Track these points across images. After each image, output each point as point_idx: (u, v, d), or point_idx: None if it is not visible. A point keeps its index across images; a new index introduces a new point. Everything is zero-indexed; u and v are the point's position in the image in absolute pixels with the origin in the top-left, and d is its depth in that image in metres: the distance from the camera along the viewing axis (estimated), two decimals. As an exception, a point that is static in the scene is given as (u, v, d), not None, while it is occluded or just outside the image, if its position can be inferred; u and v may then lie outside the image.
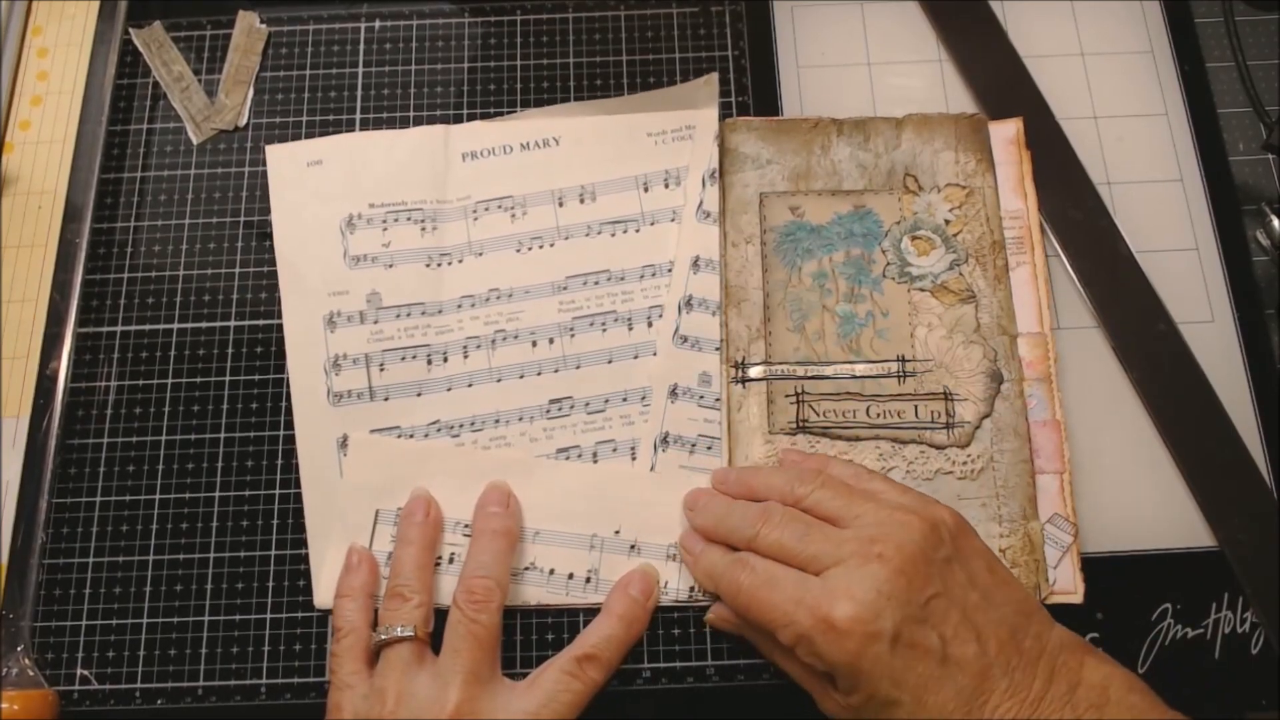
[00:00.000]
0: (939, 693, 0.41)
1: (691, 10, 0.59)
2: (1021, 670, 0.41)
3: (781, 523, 0.45)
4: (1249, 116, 0.56)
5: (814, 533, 0.44)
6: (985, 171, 0.54)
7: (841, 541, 0.43)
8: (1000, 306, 0.52)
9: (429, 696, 0.43)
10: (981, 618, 0.42)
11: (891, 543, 0.43)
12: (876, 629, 0.41)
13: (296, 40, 0.60)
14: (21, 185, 0.57)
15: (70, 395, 0.53)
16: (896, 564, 0.42)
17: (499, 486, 0.50)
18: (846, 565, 0.42)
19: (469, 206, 0.55)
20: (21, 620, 0.50)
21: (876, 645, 0.41)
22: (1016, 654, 0.42)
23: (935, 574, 0.43)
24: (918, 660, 0.41)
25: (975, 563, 0.44)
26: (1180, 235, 0.54)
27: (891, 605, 0.41)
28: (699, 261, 0.54)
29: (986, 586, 0.43)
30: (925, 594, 0.42)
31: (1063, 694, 0.41)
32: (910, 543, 0.43)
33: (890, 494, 0.46)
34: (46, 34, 0.61)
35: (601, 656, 0.45)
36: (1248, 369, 0.52)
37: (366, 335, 0.53)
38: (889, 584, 0.42)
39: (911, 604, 0.41)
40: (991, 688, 0.41)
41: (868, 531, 0.43)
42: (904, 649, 0.41)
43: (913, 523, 0.43)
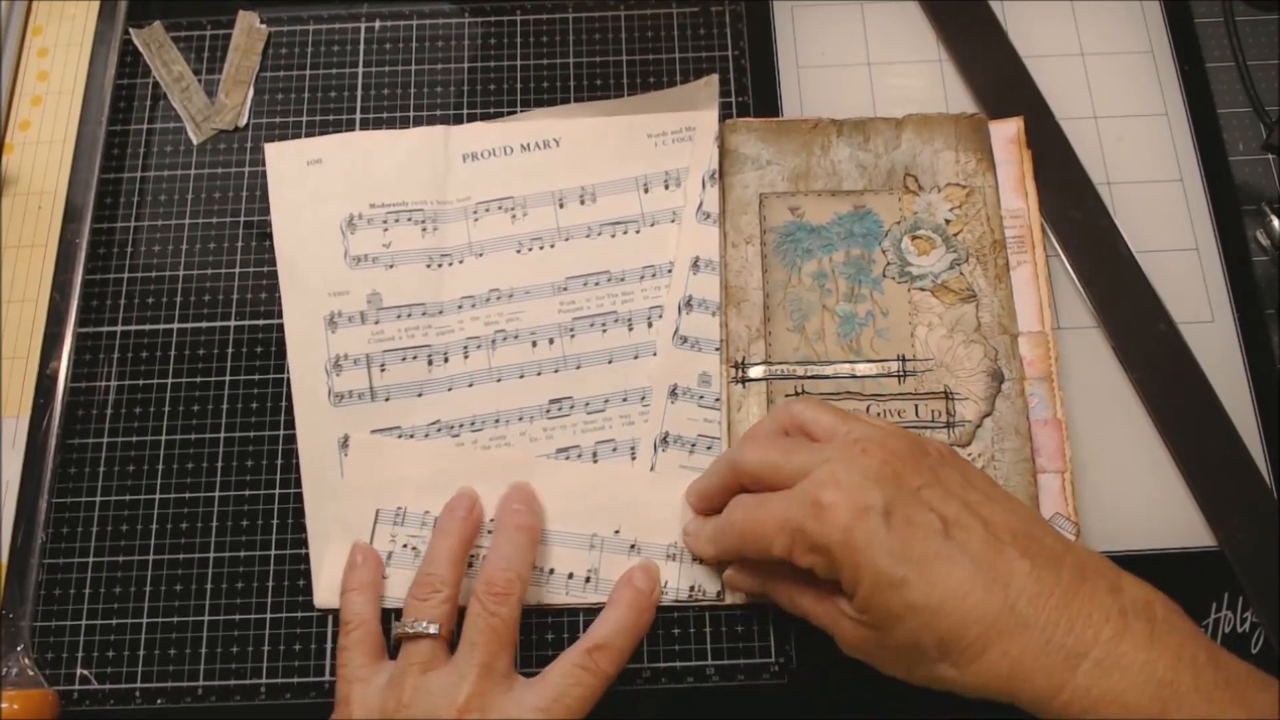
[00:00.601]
0: (950, 570, 0.38)
1: (691, 10, 0.60)
2: (1044, 559, 0.39)
3: (766, 442, 0.45)
4: (1249, 116, 0.56)
5: (799, 447, 0.43)
6: (985, 171, 0.54)
7: (824, 448, 0.43)
8: (1001, 305, 0.52)
9: (442, 690, 0.43)
10: (986, 512, 0.40)
11: (874, 441, 0.42)
12: (865, 503, 0.39)
13: (296, 40, 0.60)
14: (21, 185, 0.57)
15: (70, 395, 0.53)
16: (880, 457, 0.41)
17: (523, 486, 0.50)
18: (832, 462, 0.41)
19: (469, 207, 0.55)
20: (21, 620, 0.50)
21: (870, 517, 0.39)
22: (1035, 544, 0.39)
23: (926, 470, 0.41)
24: (917, 535, 0.39)
25: (972, 473, 0.43)
26: (1180, 235, 0.55)
27: (880, 487, 0.40)
28: (699, 262, 0.54)
29: (989, 492, 0.42)
30: (916, 483, 0.40)
31: (1104, 595, 0.38)
32: (896, 444, 0.42)
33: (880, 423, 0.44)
34: (46, 34, 0.61)
35: (612, 645, 0.45)
36: (1248, 369, 0.52)
37: (367, 335, 0.53)
38: (875, 471, 0.40)
39: (902, 489, 0.40)
40: (1011, 568, 0.38)
41: (852, 436, 0.42)
42: (900, 523, 0.39)
43: (899, 433, 0.42)
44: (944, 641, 0.38)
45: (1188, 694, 0.36)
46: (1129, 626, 0.37)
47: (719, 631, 0.49)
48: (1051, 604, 0.38)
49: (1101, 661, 0.37)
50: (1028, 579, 0.38)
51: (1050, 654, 0.37)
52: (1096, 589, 0.38)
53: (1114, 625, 0.37)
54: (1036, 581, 0.38)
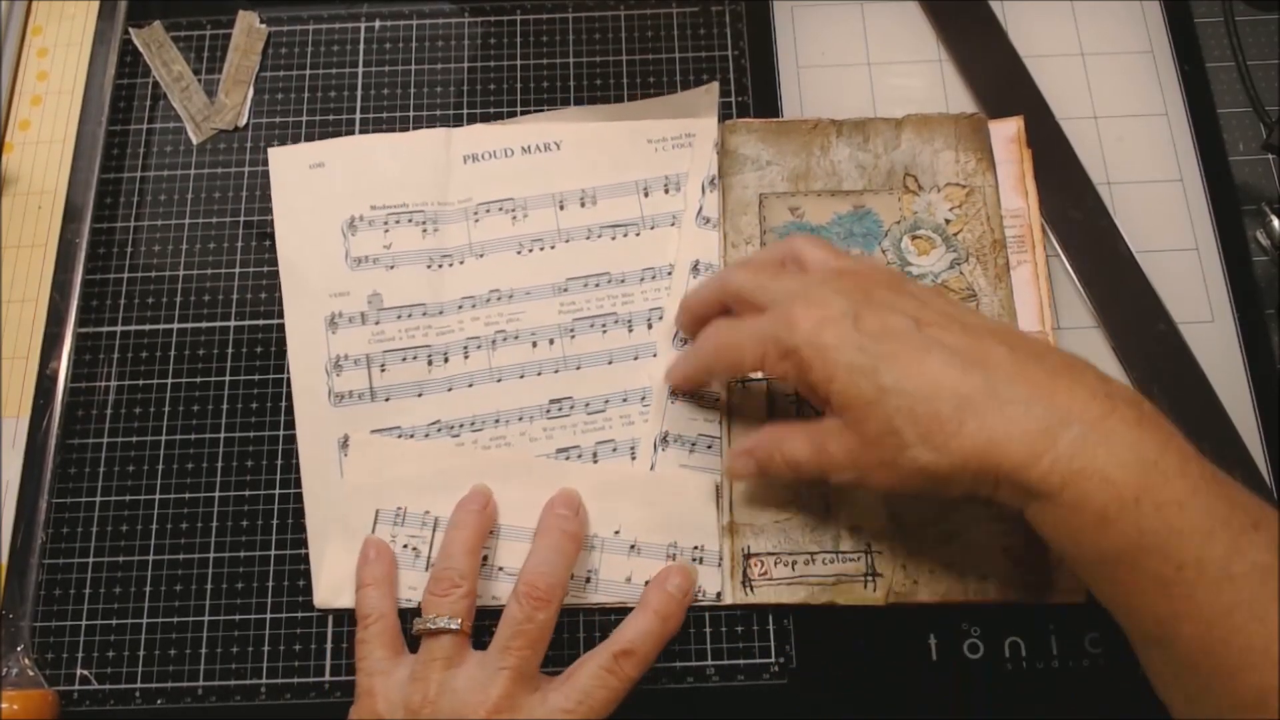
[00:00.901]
0: (925, 356, 0.39)
1: (691, 10, 0.60)
2: (1025, 349, 0.39)
3: (756, 265, 0.46)
4: (1249, 116, 0.56)
5: (785, 273, 0.45)
6: (985, 171, 0.54)
7: (810, 275, 0.44)
8: (1001, 305, 0.52)
9: (471, 689, 0.43)
10: (967, 317, 0.41)
11: (856, 270, 0.43)
12: (833, 312, 0.41)
13: (296, 40, 0.60)
14: (21, 185, 0.57)
15: (70, 395, 0.53)
16: (858, 280, 0.42)
17: (571, 492, 0.50)
18: (809, 285, 0.43)
19: (470, 209, 0.55)
20: (21, 620, 0.50)
21: (839, 321, 0.40)
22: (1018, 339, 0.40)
23: (900, 289, 0.42)
24: (888, 334, 0.40)
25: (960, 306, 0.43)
26: (1180, 235, 0.55)
27: (851, 297, 0.41)
28: (699, 266, 0.54)
29: (974, 313, 0.42)
30: (889, 299, 0.41)
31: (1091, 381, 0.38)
32: (877, 273, 0.43)
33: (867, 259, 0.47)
34: (46, 34, 0.61)
35: (638, 652, 0.45)
36: (1248, 369, 0.52)
37: (367, 336, 0.53)
38: (849, 287, 0.42)
39: (872, 299, 0.41)
40: (990, 351, 0.38)
41: (836, 266, 0.44)
42: (871, 324, 0.40)
43: (885, 266, 0.44)
44: (919, 421, 0.38)
45: (1173, 477, 0.36)
46: (1116, 408, 0.37)
47: (719, 631, 0.49)
48: (1034, 380, 0.38)
49: (1087, 434, 0.36)
50: (1007, 360, 0.38)
51: (1030, 422, 0.37)
52: (1084, 375, 0.38)
53: (1100, 405, 0.37)
54: (1016, 364, 0.38)
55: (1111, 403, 0.37)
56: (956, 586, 0.48)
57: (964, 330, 0.40)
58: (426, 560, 0.50)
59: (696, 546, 0.49)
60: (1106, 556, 0.37)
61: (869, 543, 0.49)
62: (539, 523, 0.49)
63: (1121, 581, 0.37)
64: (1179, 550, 0.35)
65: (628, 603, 0.49)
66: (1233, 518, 0.36)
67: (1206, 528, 0.35)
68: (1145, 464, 0.36)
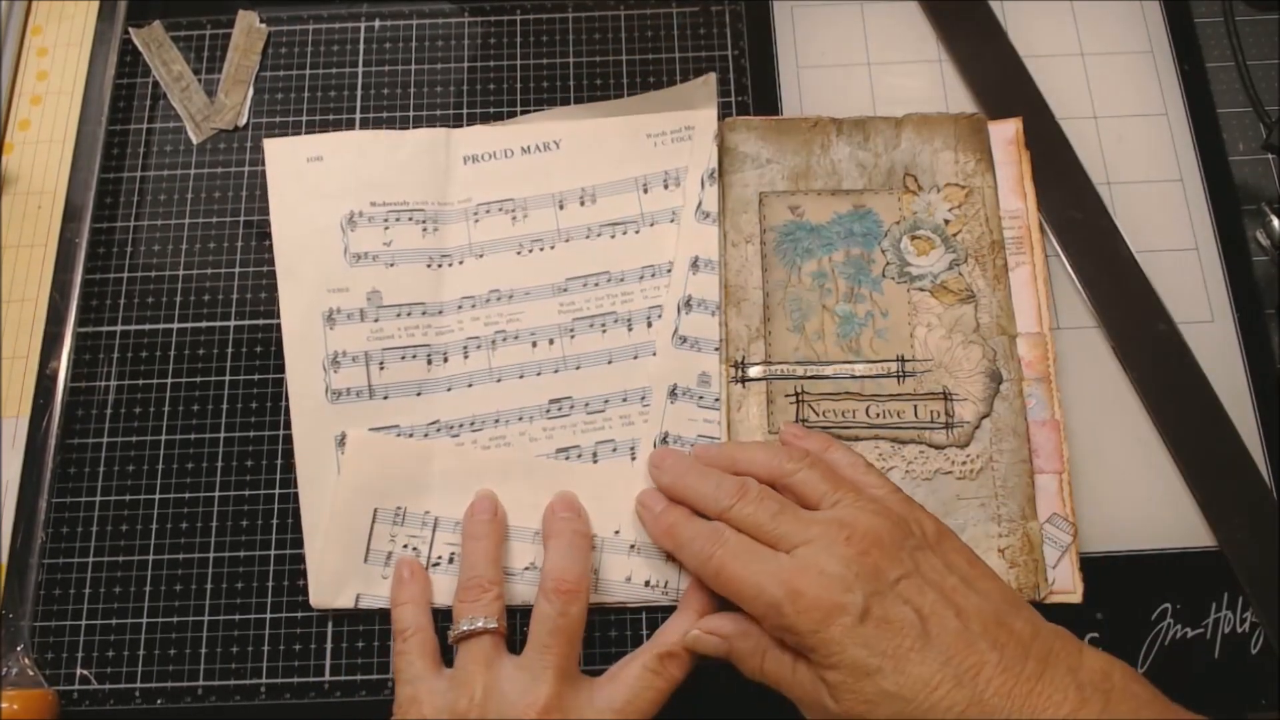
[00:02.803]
0: (922, 663, 0.40)
1: (691, 10, 0.59)
2: (1013, 649, 0.40)
3: (757, 499, 0.45)
4: (1249, 116, 0.56)
5: (786, 512, 0.44)
6: (985, 171, 0.54)
7: (811, 523, 0.44)
8: (1000, 306, 0.52)
9: (518, 691, 0.43)
10: (962, 600, 0.42)
11: (859, 528, 0.43)
12: (843, 601, 0.41)
13: (296, 40, 0.60)
14: (21, 185, 0.57)
15: (70, 395, 0.53)
16: (862, 547, 0.42)
17: (568, 495, 0.50)
18: (814, 545, 0.42)
19: (470, 209, 0.55)
20: (21, 620, 0.50)
21: (844, 617, 0.40)
22: (1006, 633, 0.41)
23: (906, 558, 0.42)
24: (892, 633, 0.40)
25: (954, 556, 0.44)
26: (1180, 235, 0.54)
27: (860, 581, 0.41)
28: (698, 262, 0.54)
29: (967, 575, 0.43)
30: (894, 574, 0.42)
31: (1063, 676, 0.40)
32: (879, 528, 0.43)
33: (878, 489, 0.46)
34: (46, 34, 0.61)
35: (682, 655, 0.45)
36: (1248, 369, 0.52)
37: (366, 333, 0.53)
38: (856, 563, 0.42)
39: (881, 582, 0.41)
40: (981, 660, 0.40)
41: (838, 516, 0.44)
42: (877, 620, 0.41)
43: (886, 514, 0.43)
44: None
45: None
46: (1085, 702, 0.39)
47: (718, 631, 0.49)
48: (1016, 692, 0.39)
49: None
50: (996, 670, 0.40)
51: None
52: (1058, 672, 0.40)
53: (1071, 703, 0.39)
54: (1004, 673, 0.40)
55: (1081, 696, 0.39)
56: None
57: (959, 621, 0.41)
58: (427, 560, 0.50)
59: (696, 546, 0.49)
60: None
61: (868, 543, 0.49)
62: (545, 529, 0.49)
63: None
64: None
65: (628, 603, 0.49)
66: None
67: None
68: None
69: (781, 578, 0.42)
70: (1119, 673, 0.41)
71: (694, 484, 0.47)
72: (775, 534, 0.44)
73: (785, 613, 0.41)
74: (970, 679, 0.40)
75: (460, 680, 0.44)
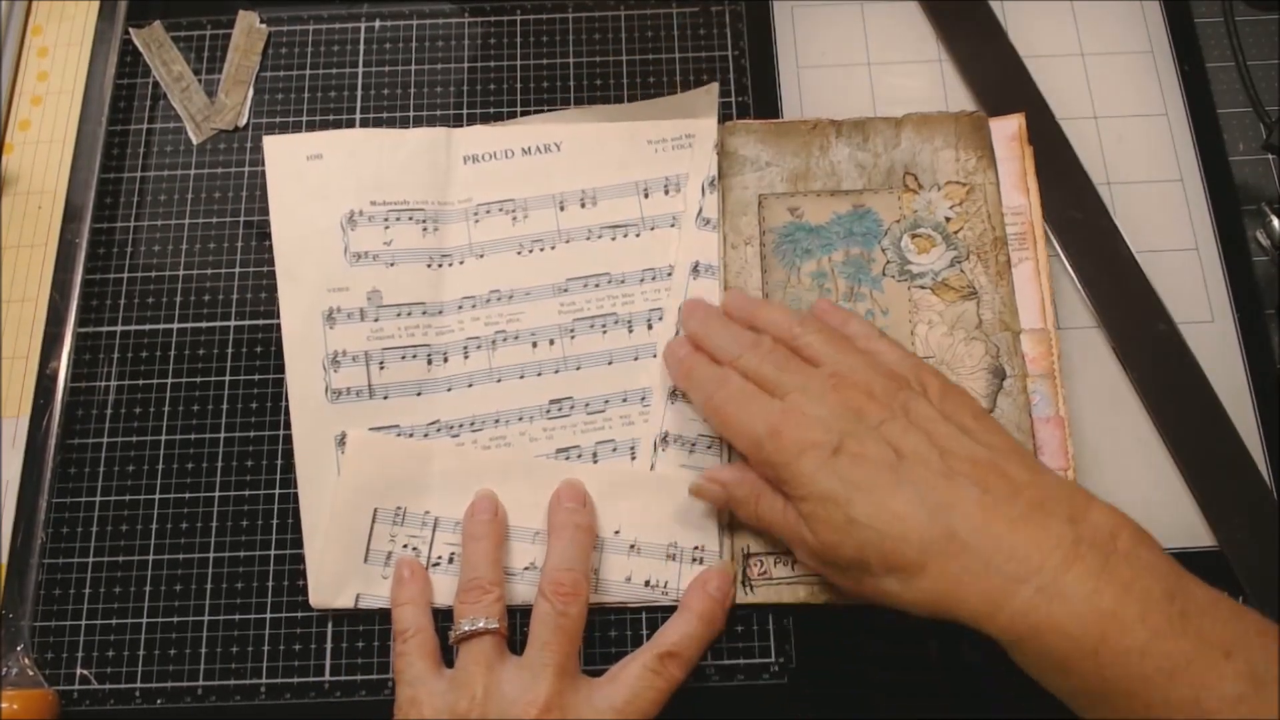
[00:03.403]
0: (894, 494, 0.40)
1: (691, 10, 0.60)
2: (1002, 489, 0.40)
3: (766, 351, 0.47)
4: (1249, 116, 0.56)
5: (791, 365, 0.46)
6: (986, 168, 0.54)
7: (810, 374, 0.45)
8: (1003, 302, 0.52)
9: (519, 690, 0.43)
10: (951, 444, 0.42)
11: (850, 378, 0.44)
12: (818, 439, 0.42)
13: (296, 40, 0.60)
14: (21, 185, 0.57)
15: (70, 395, 0.53)
16: (849, 394, 0.43)
17: (575, 484, 0.50)
18: (805, 391, 0.44)
19: (470, 209, 0.55)
20: (21, 620, 0.50)
21: (820, 449, 0.42)
22: (996, 475, 0.40)
23: (896, 406, 0.43)
24: (866, 467, 0.41)
25: (956, 410, 0.44)
26: (1180, 235, 0.55)
27: (839, 422, 0.43)
28: (699, 267, 0.54)
29: (968, 427, 0.43)
30: (878, 418, 0.43)
31: (1058, 525, 0.39)
32: (872, 381, 0.44)
33: (888, 355, 0.47)
34: (46, 34, 0.61)
35: (683, 654, 0.45)
36: (1248, 369, 0.52)
37: (366, 333, 0.53)
38: (839, 407, 0.43)
39: (861, 424, 0.42)
40: (958, 495, 0.39)
41: (835, 369, 0.45)
42: (851, 454, 0.42)
43: (884, 370, 0.44)
44: (886, 557, 0.40)
45: (1132, 624, 0.37)
46: (1080, 556, 0.38)
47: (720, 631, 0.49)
48: (995, 530, 0.39)
49: (1044, 589, 0.37)
50: (973, 506, 0.39)
51: (989, 577, 0.38)
52: (1052, 517, 0.39)
53: (1063, 553, 0.38)
54: (981, 508, 0.39)
55: (1076, 549, 0.38)
56: (957, 586, 0.48)
57: (941, 461, 0.41)
58: (427, 560, 0.50)
59: (696, 546, 0.49)
60: (1076, 694, 0.39)
61: (869, 542, 0.49)
62: (549, 519, 0.49)
63: (1096, 713, 0.39)
64: (1145, 692, 0.37)
65: (628, 603, 0.49)
66: (1199, 655, 0.36)
67: (1169, 669, 0.36)
68: (1102, 615, 0.37)
69: (767, 418, 0.44)
70: (1128, 534, 0.39)
71: (715, 333, 0.49)
72: (775, 382, 0.45)
73: (764, 448, 0.44)
74: (943, 512, 0.39)
75: (461, 681, 0.44)
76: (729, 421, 0.46)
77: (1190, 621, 0.37)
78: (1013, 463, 0.41)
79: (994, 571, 0.38)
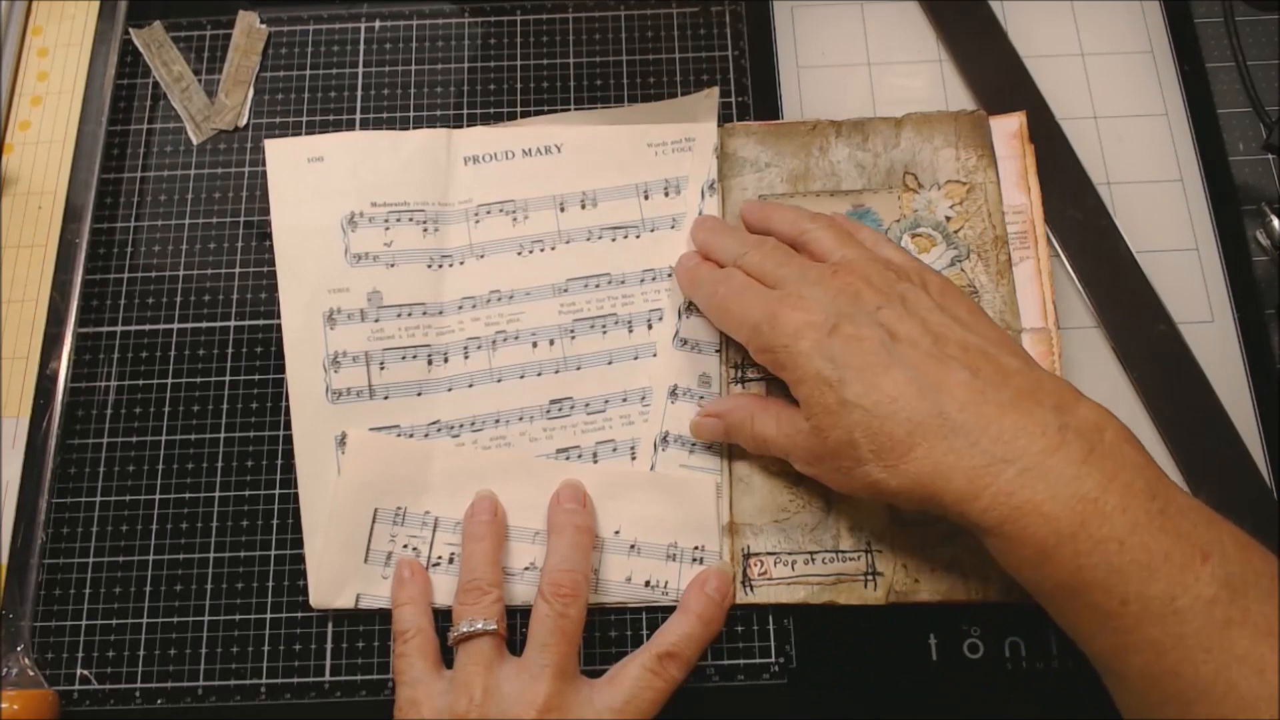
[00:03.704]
0: (886, 374, 0.40)
1: (691, 10, 0.60)
2: (992, 374, 0.40)
3: (769, 250, 0.48)
4: (1249, 116, 0.56)
5: (793, 261, 0.47)
6: (987, 167, 0.54)
7: (810, 267, 0.46)
8: (1004, 301, 0.52)
9: (518, 691, 0.43)
10: (945, 331, 0.42)
11: (849, 267, 0.45)
12: (814, 319, 0.43)
13: (296, 40, 0.60)
14: (21, 185, 0.57)
15: (70, 395, 0.53)
16: (847, 280, 0.44)
17: (575, 484, 0.50)
18: (805, 279, 0.45)
19: (470, 210, 0.55)
20: (21, 620, 0.50)
21: (817, 328, 0.43)
22: (987, 361, 0.41)
23: (893, 294, 0.43)
24: (859, 346, 0.41)
25: (953, 304, 0.44)
26: (1180, 235, 0.55)
27: (836, 304, 0.43)
28: (699, 267, 0.54)
29: (962, 319, 0.43)
30: (875, 303, 0.43)
31: (1046, 413, 0.39)
32: (870, 270, 0.44)
33: (893, 255, 0.47)
34: (46, 34, 0.61)
35: (682, 655, 0.45)
36: (1248, 369, 0.52)
37: (367, 333, 0.53)
38: (837, 292, 0.44)
39: (858, 307, 0.43)
40: (949, 377, 0.40)
41: (836, 261, 0.46)
42: (846, 335, 0.42)
43: (884, 262, 0.45)
44: (875, 438, 0.40)
45: (1112, 513, 0.37)
46: (1065, 443, 0.38)
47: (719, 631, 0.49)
48: (983, 412, 0.39)
49: (1028, 470, 0.38)
50: (963, 388, 0.39)
51: (974, 457, 0.38)
52: (1040, 405, 0.39)
53: (1049, 439, 0.38)
54: (971, 391, 0.39)
55: (1062, 435, 0.38)
56: (958, 586, 0.48)
57: (935, 345, 0.41)
58: (427, 560, 0.50)
59: (697, 546, 0.49)
60: (1051, 589, 0.38)
61: (869, 541, 0.49)
62: (549, 520, 0.49)
63: (1069, 613, 0.39)
64: (1120, 586, 0.36)
65: (628, 603, 0.49)
66: (1176, 552, 0.36)
67: (1146, 563, 0.36)
68: (1084, 500, 0.37)
69: (766, 306, 0.45)
70: (1113, 430, 0.39)
71: (720, 238, 0.51)
72: (776, 276, 0.46)
73: (762, 332, 0.44)
74: (933, 392, 0.40)
75: (460, 682, 0.44)
76: (729, 313, 0.47)
77: (1170, 520, 0.37)
78: (1004, 352, 0.42)
79: (980, 452, 0.38)
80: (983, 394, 0.40)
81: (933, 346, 0.41)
